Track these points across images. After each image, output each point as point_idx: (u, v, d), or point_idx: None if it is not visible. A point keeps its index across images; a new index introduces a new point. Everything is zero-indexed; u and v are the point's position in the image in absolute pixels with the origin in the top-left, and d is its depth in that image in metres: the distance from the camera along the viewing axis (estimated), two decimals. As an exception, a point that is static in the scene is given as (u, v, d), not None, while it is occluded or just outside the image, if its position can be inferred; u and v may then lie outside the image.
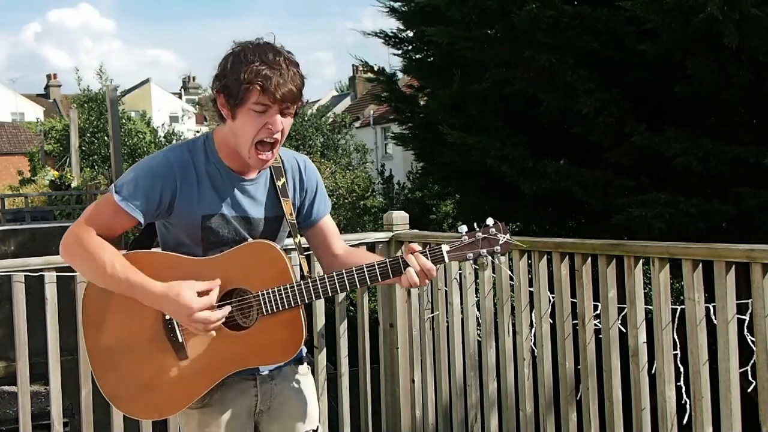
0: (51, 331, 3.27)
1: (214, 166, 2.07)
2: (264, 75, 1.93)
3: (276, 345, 2.06)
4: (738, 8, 4.27)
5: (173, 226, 2.09)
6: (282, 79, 1.94)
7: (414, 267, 2.01)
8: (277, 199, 2.14)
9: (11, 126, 34.95)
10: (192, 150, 2.08)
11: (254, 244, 2.07)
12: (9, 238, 7.68)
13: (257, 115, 1.97)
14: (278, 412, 2.20)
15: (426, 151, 7.16)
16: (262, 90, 1.94)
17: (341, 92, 43.60)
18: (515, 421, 3.43)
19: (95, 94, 23.59)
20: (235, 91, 1.95)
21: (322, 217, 2.25)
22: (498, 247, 2.06)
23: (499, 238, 2.06)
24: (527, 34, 5.25)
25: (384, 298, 3.95)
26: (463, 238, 2.07)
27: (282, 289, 2.03)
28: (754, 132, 5.22)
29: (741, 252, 2.53)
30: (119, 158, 12.41)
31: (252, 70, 1.93)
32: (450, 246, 2.06)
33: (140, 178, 2.02)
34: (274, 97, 1.95)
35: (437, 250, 2.04)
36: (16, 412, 3.30)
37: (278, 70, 1.95)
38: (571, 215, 6.77)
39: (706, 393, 2.69)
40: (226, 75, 1.98)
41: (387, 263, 2.05)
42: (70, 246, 2.04)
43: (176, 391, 2.06)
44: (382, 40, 7.46)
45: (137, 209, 2.00)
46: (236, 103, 1.97)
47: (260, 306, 2.03)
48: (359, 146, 26.19)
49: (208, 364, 2.05)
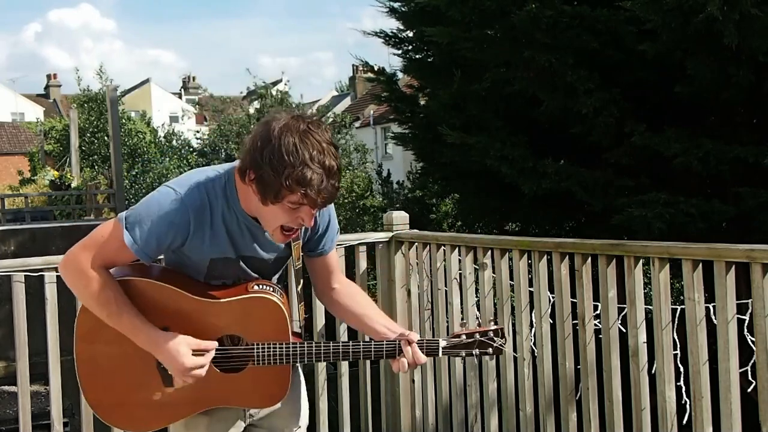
0: (51, 331, 3.27)
1: (232, 214, 2.02)
2: (308, 183, 1.82)
3: (261, 393, 2.13)
4: (738, 8, 4.26)
5: (179, 254, 2.08)
6: (323, 184, 1.84)
7: (408, 359, 2.07)
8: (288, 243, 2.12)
9: (11, 126, 34.95)
10: (210, 193, 1.99)
11: (262, 300, 2.07)
12: (9, 238, 7.67)
13: (291, 211, 1.91)
14: (267, 411, 2.23)
15: (426, 151, 7.16)
16: (304, 196, 1.85)
17: (341, 92, 43.59)
18: (515, 421, 3.43)
19: (95, 94, 23.55)
20: (273, 188, 1.85)
21: (327, 253, 2.23)
22: (490, 350, 2.15)
23: (496, 342, 2.16)
24: (527, 34, 5.25)
25: (384, 298, 3.95)
26: (461, 338, 2.14)
27: (277, 346, 2.06)
28: (754, 132, 5.21)
29: (741, 252, 2.53)
30: (119, 158, 12.41)
31: (297, 176, 1.81)
32: (447, 342, 2.13)
33: (154, 224, 1.95)
34: (315, 203, 1.88)
35: (434, 345, 2.12)
36: (16, 412, 3.30)
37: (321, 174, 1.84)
38: (571, 215, 6.77)
39: (706, 393, 2.69)
40: (262, 165, 1.84)
41: (383, 348, 2.09)
42: (72, 275, 2.02)
43: (156, 414, 2.12)
44: (382, 40, 7.46)
45: (145, 254, 1.99)
46: (272, 200, 1.88)
47: (252, 356, 2.06)
48: (359, 146, 26.17)
49: (192, 397, 2.09)
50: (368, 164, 24.29)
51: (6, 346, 5.10)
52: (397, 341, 2.09)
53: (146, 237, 1.96)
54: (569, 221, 7.00)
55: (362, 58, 8.24)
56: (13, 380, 3.35)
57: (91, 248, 1.99)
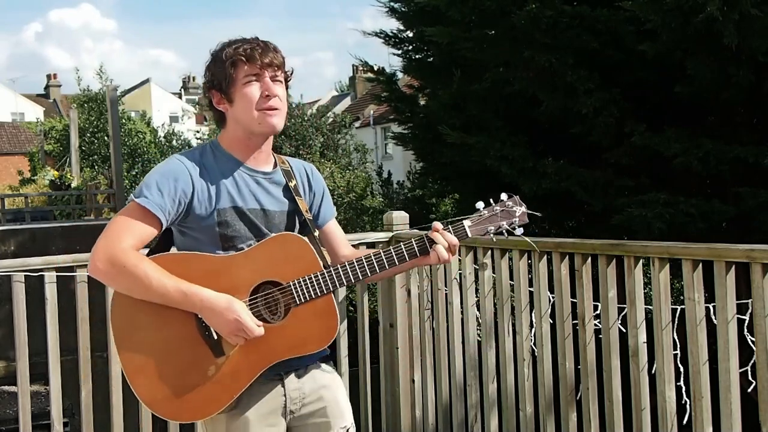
0: (51, 331, 3.27)
1: (225, 164, 2.11)
2: (244, 48, 2.05)
3: (313, 334, 2.07)
4: (738, 8, 4.26)
5: (190, 229, 2.09)
6: (261, 49, 2.06)
7: (442, 243, 2.08)
8: (291, 196, 2.17)
9: (11, 126, 34.94)
10: (201, 153, 2.13)
11: (280, 237, 2.09)
12: (9, 238, 7.66)
13: (250, 86, 2.05)
14: (311, 411, 2.18)
15: (426, 151, 7.15)
16: (247, 60, 2.04)
17: (341, 92, 43.60)
18: (515, 421, 3.43)
19: (95, 94, 23.57)
20: (223, 74, 2.05)
21: (329, 221, 2.30)
22: (516, 219, 2.12)
23: (516, 210, 2.11)
24: (527, 34, 5.25)
25: (384, 298, 3.95)
26: (482, 213, 2.12)
27: (314, 276, 2.04)
28: (754, 132, 5.21)
29: (741, 252, 2.53)
30: (119, 158, 12.41)
31: (231, 50, 2.06)
32: (471, 221, 2.11)
33: (159, 180, 2.04)
34: (261, 63, 2.04)
35: (459, 226, 2.10)
36: (16, 412, 3.30)
37: (256, 43, 2.08)
38: (571, 215, 6.76)
39: (706, 393, 2.69)
40: (211, 70, 2.10)
41: (413, 243, 2.09)
42: (105, 268, 2.00)
43: (217, 390, 2.04)
44: (382, 40, 7.46)
45: (159, 209, 2.01)
46: (228, 84, 2.06)
47: (293, 296, 2.04)
48: (359, 146, 26.17)
49: (246, 360, 2.03)
50: (368, 164, 24.29)
51: (6, 346, 5.10)
52: (424, 235, 2.11)
53: (156, 192, 2.02)
54: (569, 221, 6.99)
55: (362, 58, 8.24)
56: (13, 380, 3.35)
57: (109, 236, 2.01)
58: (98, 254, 1.99)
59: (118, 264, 1.97)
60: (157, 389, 2.04)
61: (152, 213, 2.00)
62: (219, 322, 1.98)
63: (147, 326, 2.03)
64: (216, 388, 2.03)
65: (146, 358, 2.03)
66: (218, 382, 2.03)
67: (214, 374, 2.03)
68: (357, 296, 3.98)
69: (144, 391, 2.04)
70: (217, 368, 2.03)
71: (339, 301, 3.77)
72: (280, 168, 2.18)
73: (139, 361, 2.04)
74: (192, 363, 2.03)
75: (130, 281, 1.98)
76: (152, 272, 1.98)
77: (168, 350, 2.04)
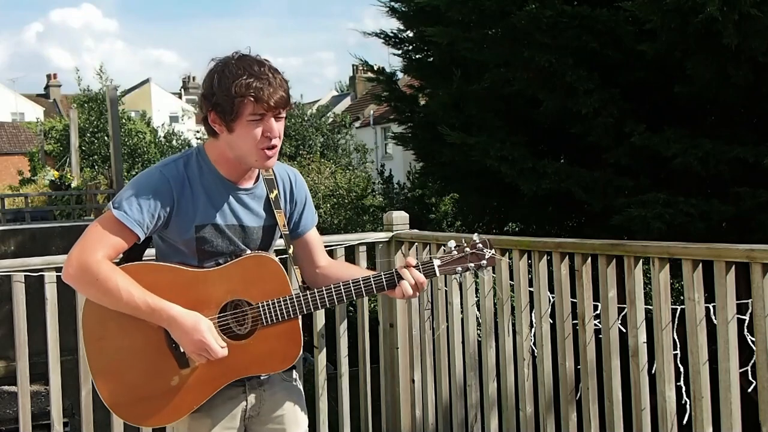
0: (51, 331, 3.27)
1: (208, 178, 2.11)
2: (255, 87, 1.99)
3: (276, 355, 2.13)
4: (737, 8, 4.26)
5: (169, 238, 2.12)
6: (272, 88, 2.01)
7: (408, 280, 2.12)
8: (270, 209, 2.19)
9: (11, 126, 34.92)
10: (186, 164, 2.12)
11: (255, 257, 2.12)
12: (9, 238, 7.67)
13: (254, 124, 2.02)
14: (267, 417, 2.24)
15: (426, 151, 7.16)
16: (256, 100, 2.00)
17: (341, 92, 43.60)
18: (515, 421, 3.43)
19: (95, 94, 23.56)
20: (228, 106, 2.00)
21: (309, 230, 2.32)
22: (484, 261, 2.17)
23: (485, 253, 2.17)
24: (526, 34, 5.25)
25: (384, 298, 3.95)
26: (453, 253, 2.17)
27: (282, 300, 2.08)
28: (753, 132, 5.21)
29: (741, 252, 2.53)
30: (119, 158, 12.40)
31: (242, 84, 1.99)
32: (441, 260, 2.16)
33: (139, 194, 2.04)
34: (268, 105, 2.01)
35: (429, 266, 2.15)
36: (16, 412, 3.30)
37: (266, 79, 2.01)
38: (570, 215, 6.77)
39: (706, 393, 2.69)
40: (215, 93, 2.02)
41: (382, 277, 2.14)
42: (77, 276, 2.02)
43: (179, 400, 2.09)
44: (383, 40, 7.46)
45: (137, 225, 2.02)
46: (232, 118, 2.02)
47: (260, 317, 2.08)
48: (359, 146, 26.18)
49: (210, 373, 2.08)
50: (368, 164, 24.29)
51: (6, 346, 5.10)
52: (394, 269, 2.15)
53: (133, 206, 2.02)
54: (569, 221, 7.00)
55: (362, 58, 8.26)
56: (13, 380, 3.35)
57: (84, 246, 2.02)
58: (71, 262, 2.02)
59: (91, 275, 2.00)
60: (120, 393, 2.09)
61: (129, 228, 2.02)
62: (184, 340, 2.03)
63: (116, 330, 2.06)
64: (179, 397, 2.09)
65: (112, 361, 2.08)
66: (181, 392, 2.08)
67: (177, 384, 2.08)
68: (357, 296, 3.98)
69: (107, 393, 2.09)
70: (181, 379, 2.08)
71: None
72: (263, 178, 2.19)
73: (104, 363, 2.08)
74: (157, 371, 2.08)
75: (100, 293, 2.01)
76: (123, 285, 2.00)
77: (134, 356, 2.08)
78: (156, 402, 2.09)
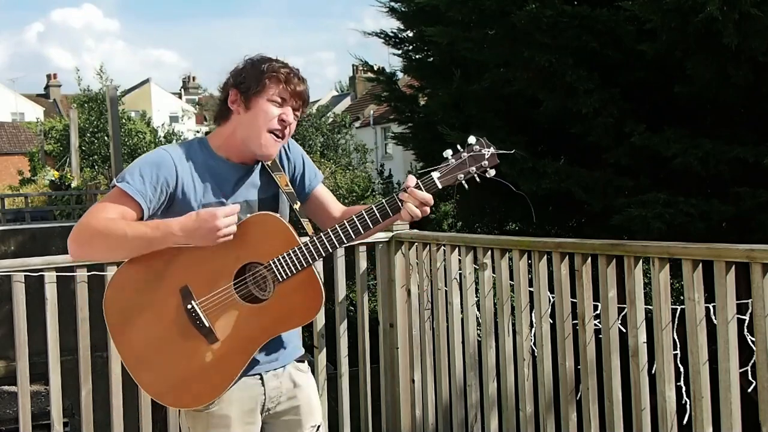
0: (51, 331, 3.27)
1: (210, 160, 2.15)
2: (285, 72, 2.11)
3: (298, 309, 2.11)
4: (737, 8, 4.26)
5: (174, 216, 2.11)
6: (299, 80, 2.13)
7: (412, 202, 2.07)
8: (270, 178, 2.21)
9: (11, 126, 34.93)
10: (188, 147, 2.16)
11: (253, 218, 2.11)
12: (9, 238, 7.68)
13: (274, 106, 2.09)
14: (285, 409, 2.26)
15: (426, 151, 7.15)
16: (284, 82, 2.08)
17: (341, 92, 43.62)
18: (515, 421, 3.43)
19: (95, 94, 23.57)
20: (255, 82, 2.09)
21: (316, 186, 2.34)
22: (485, 161, 2.07)
23: (484, 152, 2.07)
24: (526, 34, 5.25)
25: (384, 298, 3.95)
26: (449, 162, 2.08)
27: (291, 253, 2.07)
28: (753, 132, 5.21)
29: (741, 252, 2.53)
30: (119, 158, 12.40)
31: (274, 66, 2.10)
32: (440, 172, 2.08)
33: (142, 167, 2.07)
34: (293, 91, 2.10)
35: (428, 179, 2.07)
36: (16, 412, 3.30)
37: (296, 73, 2.14)
38: (571, 215, 6.76)
39: (706, 393, 2.69)
40: (244, 71, 2.12)
41: (384, 203, 2.10)
42: (78, 236, 2.04)
43: (216, 374, 2.09)
44: (382, 40, 7.46)
45: (140, 194, 2.04)
46: (255, 91, 2.08)
47: (274, 274, 2.07)
48: (359, 146, 26.19)
49: (239, 341, 2.08)
50: (368, 164, 24.30)
51: (6, 345, 5.10)
52: (394, 193, 2.12)
53: (136, 178, 2.05)
54: (569, 221, 6.99)
55: (362, 58, 8.25)
56: (13, 380, 3.35)
57: (88, 213, 2.06)
58: (72, 233, 2.04)
59: (90, 229, 2.02)
60: (160, 382, 2.10)
61: (133, 198, 2.04)
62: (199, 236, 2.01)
63: (140, 323, 2.08)
64: (216, 371, 2.09)
65: (144, 354, 2.09)
66: (218, 366, 2.09)
67: (212, 359, 2.08)
68: (357, 296, 3.98)
69: (147, 385, 2.11)
70: (214, 354, 2.08)
71: (339, 301, 3.78)
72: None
73: (137, 357, 2.10)
74: (189, 352, 2.08)
75: (104, 239, 2.02)
76: (124, 224, 2.02)
77: (163, 344, 2.08)
78: (196, 381, 2.09)
